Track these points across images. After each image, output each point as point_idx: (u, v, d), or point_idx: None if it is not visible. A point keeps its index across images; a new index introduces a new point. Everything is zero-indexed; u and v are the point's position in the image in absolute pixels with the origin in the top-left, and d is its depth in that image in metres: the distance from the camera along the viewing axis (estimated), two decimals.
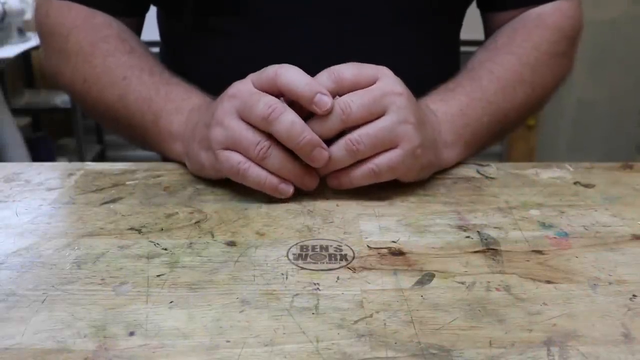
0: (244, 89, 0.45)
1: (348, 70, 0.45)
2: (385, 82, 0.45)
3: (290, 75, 0.43)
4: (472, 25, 0.69)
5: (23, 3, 2.36)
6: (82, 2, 0.58)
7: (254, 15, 0.58)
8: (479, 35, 0.68)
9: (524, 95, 0.57)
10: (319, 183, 0.47)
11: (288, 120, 0.42)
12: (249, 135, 0.44)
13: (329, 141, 0.45)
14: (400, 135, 0.44)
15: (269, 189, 0.45)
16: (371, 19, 0.58)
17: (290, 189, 0.45)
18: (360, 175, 0.45)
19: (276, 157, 0.44)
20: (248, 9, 0.57)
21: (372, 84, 0.45)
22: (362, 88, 0.44)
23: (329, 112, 0.43)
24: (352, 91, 0.44)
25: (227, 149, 0.45)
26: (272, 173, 0.45)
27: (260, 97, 0.43)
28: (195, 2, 0.58)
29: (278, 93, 0.44)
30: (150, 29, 0.69)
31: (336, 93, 0.44)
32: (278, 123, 0.42)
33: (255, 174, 0.44)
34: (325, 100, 0.43)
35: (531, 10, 0.62)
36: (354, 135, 0.44)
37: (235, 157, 0.45)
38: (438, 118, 0.51)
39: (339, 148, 0.44)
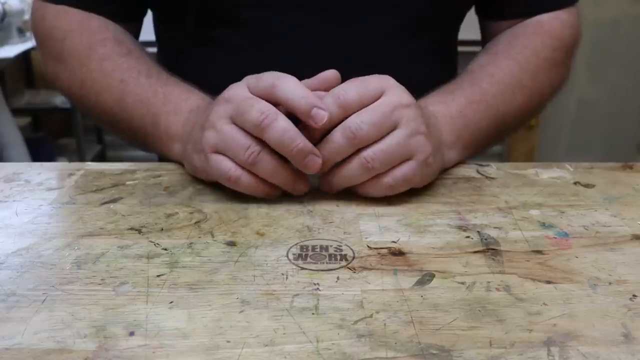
0: (239, 93, 0.44)
1: (352, 91, 0.44)
2: (391, 94, 0.44)
3: (287, 87, 0.43)
4: (471, 25, 0.69)
5: (23, 3, 2.36)
6: (78, 6, 0.58)
7: (253, 27, 0.58)
8: (478, 35, 0.68)
9: (523, 100, 0.58)
10: (316, 185, 0.47)
11: (280, 128, 0.42)
12: (240, 140, 0.43)
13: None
14: (414, 147, 0.44)
15: (260, 195, 0.45)
16: (370, 32, 0.58)
17: (278, 193, 0.46)
18: (376, 189, 0.45)
19: (267, 162, 0.43)
20: (248, 21, 0.57)
21: (378, 99, 0.44)
22: (369, 105, 0.44)
23: (325, 126, 0.42)
24: (359, 110, 0.43)
25: (218, 152, 0.45)
26: (262, 179, 0.44)
27: (254, 103, 0.43)
28: (197, 12, 0.58)
29: (274, 103, 0.43)
30: (149, 29, 0.68)
31: (343, 118, 0.43)
32: (270, 130, 0.42)
33: (247, 184, 0.44)
34: (322, 114, 0.42)
35: (531, 17, 0.62)
36: (369, 152, 0.43)
37: (226, 164, 0.44)
38: (438, 120, 0.51)
39: (353, 167, 0.44)
